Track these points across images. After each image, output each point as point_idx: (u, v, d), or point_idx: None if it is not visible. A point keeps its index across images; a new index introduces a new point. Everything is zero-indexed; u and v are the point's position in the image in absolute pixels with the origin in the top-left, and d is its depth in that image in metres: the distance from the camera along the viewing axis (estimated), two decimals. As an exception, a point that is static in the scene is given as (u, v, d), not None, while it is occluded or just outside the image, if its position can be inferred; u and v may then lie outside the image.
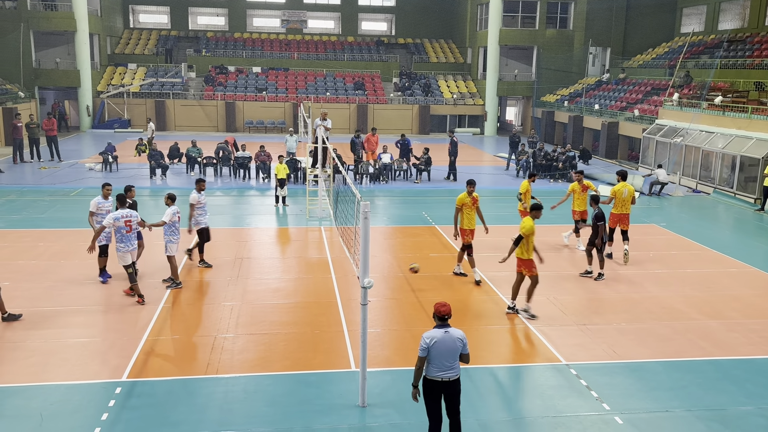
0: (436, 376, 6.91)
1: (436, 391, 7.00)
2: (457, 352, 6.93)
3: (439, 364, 6.86)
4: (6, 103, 33.08)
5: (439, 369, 6.87)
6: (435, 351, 6.82)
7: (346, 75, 45.43)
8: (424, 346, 6.84)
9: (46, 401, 8.32)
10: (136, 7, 50.13)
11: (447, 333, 6.88)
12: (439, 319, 6.95)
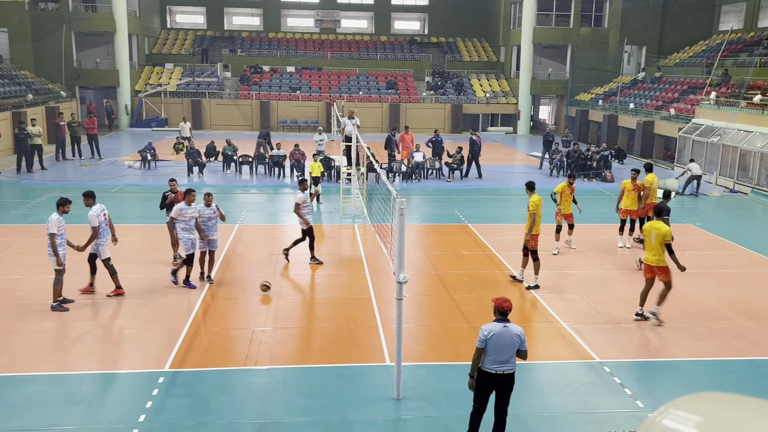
0: (490, 369, 7.06)
1: (489, 384, 7.15)
2: (515, 348, 7.07)
3: (496, 357, 7.01)
4: (49, 102, 34.02)
5: (494, 362, 7.02)
6: (492, 344, 6.98)
7: (378, 74, 45.65)
8: (482, 337, 7.00)
9: (93, 389, 8.66)
10: (173, 8, 51.03)
11: (506, 328, 7.04)
12: (499, 314, 7.11)
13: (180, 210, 12.34)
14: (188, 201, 12.48)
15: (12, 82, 34.13)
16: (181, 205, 12.42)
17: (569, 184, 15.25)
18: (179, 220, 12.35)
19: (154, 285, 12.70)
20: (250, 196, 21.98)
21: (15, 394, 8.46)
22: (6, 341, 9.96)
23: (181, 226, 12.38)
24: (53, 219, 11.02)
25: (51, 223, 10.99)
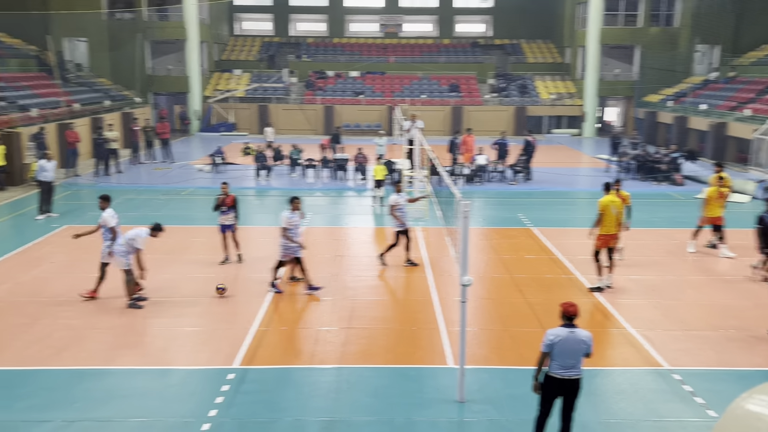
0: (557, 374, 7.02)
1: (555, 388, 7.10)
2: (581, 353, 7.01)
3: (562, 362, 6.96)
4: (124, 108, 35.46)
5: (561, 367, 6.98)
6: (558, 349, 6.94)
7: (441, 77, 45.60)
8: (547, 342, 6.97)
9: (167, 383, 9.02)
10: (241, 15, 52.37)
11: (572, 333, 6.98)
12: (566, 319, 7.05)
13: (288, 218, 12.38)
14: (294, 207, 12.52)
15: (90, 89, 35.75)
16: (287, 213, 12.43)
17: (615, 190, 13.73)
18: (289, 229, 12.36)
19: (224, 283, 13.07)
20: (314, 198, 22.34)
21: (93, 386, 8.89)
22: (85, 337, 10.47)
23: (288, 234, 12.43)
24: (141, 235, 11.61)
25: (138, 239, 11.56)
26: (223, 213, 14.15)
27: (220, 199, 14.14)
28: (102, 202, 12.25)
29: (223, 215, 14.16)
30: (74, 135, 25.10)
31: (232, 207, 14.21)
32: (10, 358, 9.68)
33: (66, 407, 8.30)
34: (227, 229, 14.25)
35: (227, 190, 14.24)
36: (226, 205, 14.13)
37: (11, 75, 30.54)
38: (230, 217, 14.19)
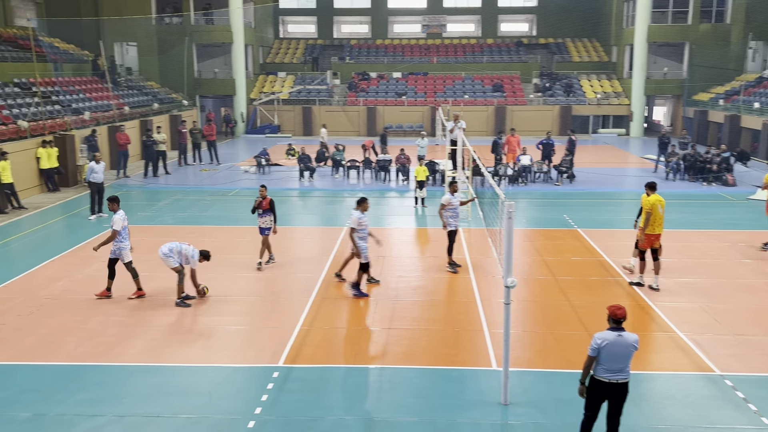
0: (603, 377, 6.92)
1: (601, 392, 7.00)
2: (629, 357, 6.89)
3: (609, 366, 6.86)
4: (172, 111, 36.24)
5: (607, 371, 6.88)
6: (605, 353, 6.83)
7: (484, 77, 45.32)
8: (594, 346, 6.87)
9: (214, 381, 9.18)
10: (285, 18, 53.00)
11: (620, 336, 6.87)
12: (613, 322, 6.94)
13: (358, 219, 12.34)
14: (363, 209, 12.51)
15: (140, 93, 36.65)
16: (357, 214, 12.36)
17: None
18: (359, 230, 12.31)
19: (267, 283, 13.26)
20: (356, 199, 22.42)
21: (142, 382, 9.11)
22: (134, 334, 10.74)
23: (358, 235, 12.34)
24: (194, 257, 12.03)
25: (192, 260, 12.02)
26: (260, 216, 14.15)
27: (257, 202, 14.18)
28: (111, 204, 12.49)
29: (261, 218, 14.14)
30: (125, 137, 25.76)
31: (269, 210, 14.19)
32: (65, 353, 10.00)
33: (116, 402, 8.53)
34: (263, 231, 14.24)
35: (265, 194, 14.22)
36: (263, 207, 14.11)
37: (66, 79, 31.53)
38: (267, 220, 14.15)
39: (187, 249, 11.97)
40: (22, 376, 9.26)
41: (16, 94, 26.81)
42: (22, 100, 26.42)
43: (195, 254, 12.00)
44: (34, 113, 25.45)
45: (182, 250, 11.95)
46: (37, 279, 13.47)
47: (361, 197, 12.82)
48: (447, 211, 13.95)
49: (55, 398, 8.62)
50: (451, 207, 13.95)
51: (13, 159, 20.30)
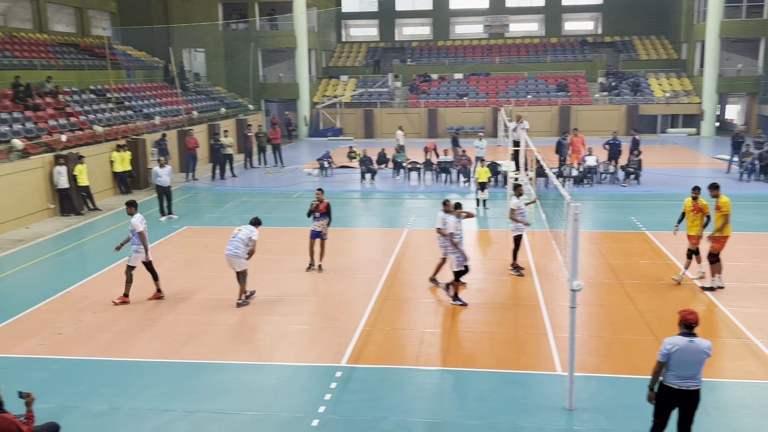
0: (673, 384, 6.73)
1: (671, 399, 6.82)
2: (701, 364, 6.68)
3: (679, 372, 6.67)
4: (238, 115, 37.14)
5: (678, 377, 6.70)
6: (675, 359, 6.65)
7: (548, 77, 44.62)
8: (664, 351, 6.70)
9: (278, 379, 9.36)
10: (348, 22, 53.55)
11: (692, 342, 6.66)
12: (685, 327, 6.74)
13: (443, 218, 12.24)
14: (458, 214, 12.26)
15: (208, 98, 37.70)
16: (442, 214, 12.18)
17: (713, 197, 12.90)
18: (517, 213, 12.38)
19: (329, 284, 13.42)
20: (417, 201, 22.48)
21: (210, 379, 9.37)
22: (202, 332, 11.05)
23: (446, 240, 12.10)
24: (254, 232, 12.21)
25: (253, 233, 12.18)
26: (316, 219, 14.09)
27: (313, 205, 14.13)
28: (129, 208, 12.65)
29: (316, 221, 14.09)
30: (193, 141, 26.56)
31: (325, 213, 14.10)
32: (137, 350, 10.39)
33: (185, 398, 8.81)
34: (317, 235, 14.15)
35: (321, 197, 14.18)
36: (320, 211, 14.04)
37: (137, 86, 32.75)
38: (322, 224, 14.08)
39: (246, 233, 12.14)
40: (98, 371, 9.67)
41: (92, 100, 28.01)
42: (97, 106, 27.58)
43: (253, 231, 12.17)
44: (109, 118, 26.52)
45: (246, 239, 12.07)
46: (111, 278, 14.03)
47: (445, 199, 12.74)
48: (517, 214, 13.68)
49: (128, 393, 8.97)
50: (519, 211, 13.74)
51: (88, 162, 21.22)
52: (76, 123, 24.37)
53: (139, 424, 8.17)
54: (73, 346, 10.57)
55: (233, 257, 12.11)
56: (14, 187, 18.59)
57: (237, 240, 12.08)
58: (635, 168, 24.05)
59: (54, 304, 12.49)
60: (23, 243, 17.12)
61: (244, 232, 12.15)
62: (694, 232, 12.91)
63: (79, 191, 20.65)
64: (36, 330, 11.20)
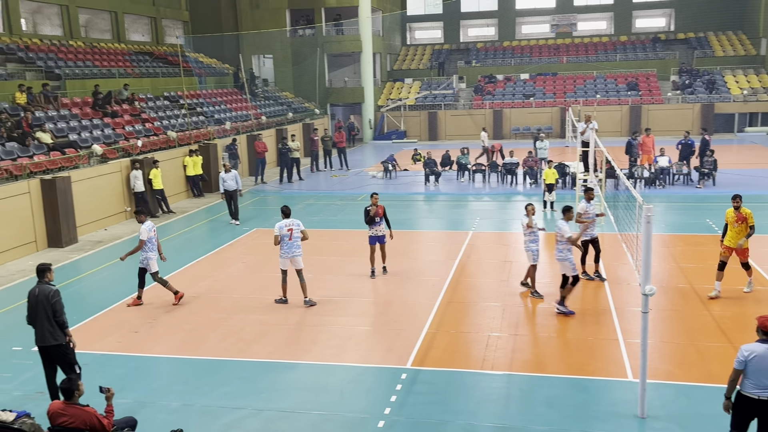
0: (751, 393, 6.47)
1: (748, 409, 6.55)
2: None
3: (758, 381, 6.42)
4: (305, 119, 37.76)
5: (756, 386, 6.44)
6: (753, 366, 6.40)
7: (617, 76, 43.48)
8: (740, 359, 6.46)
9: (344, 379, 9.48)
10: (413, 25, 53.65)
11: None
12: (763, 334, 6.49)
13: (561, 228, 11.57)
14: (567, 218, 11.70)
15: (275, 103, 38.49)
16: (561, 224, 11.55)
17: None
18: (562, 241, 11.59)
19: (394, 286, 13.48)
20: (482, 203, 22.31)
21: (278, 378, 9.57)
22: (270, 332, 11.29)
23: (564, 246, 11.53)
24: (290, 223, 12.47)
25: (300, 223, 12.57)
26: (375, 224, 13.82)
27: (373, 211, 13.72)
28: (138, 216, 12.84)
29: (376, 226, 13.83)
30: (262, 145, 27.16)
31: (383, 217, 13.92)
32: (209, 348, 10.71)
33: (255, 396, 9.02)
34: (378, 240, 13.95)
35: (377, 201, 13.94)
36: (379, 215, 13.83)
37: (209, 92, 33.75)
38: (382, 228, 13.93)
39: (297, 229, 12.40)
40: (173, 369, 10.02)
41: (165, 106, 29.03)
42: (171, 112, 28.57)
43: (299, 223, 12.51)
44: (181, 124, 27.43)
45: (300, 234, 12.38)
46: (184, 278, 14.51)
47: (566, 206, 11.94)
48: (584, 218, 13.07)
49: (200, 390, 9.25)
50: (587, 216, 13.15)
51: (162, 167, 21.99)
52: (151, 129, 25.32)
53: (211, 421, 8.42)
54: (148, 344, 10.98)
55: (299, 256, 12.36)
56: (94, 190, 19.46)
57: (296, 238, 12.33)
58: (710, 169, 23.16)
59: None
60: (102, 244, 17.91)
61: (296, 228, 12.38)
62: (735, 243, 12.02)
63: (154, 194, 21.43)
64: (114, 328, 11.69)
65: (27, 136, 19.05)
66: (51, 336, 8.45)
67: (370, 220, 13.81)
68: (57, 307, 8.40)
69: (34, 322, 8.53)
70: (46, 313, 8.39)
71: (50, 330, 8.43)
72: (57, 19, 31.15)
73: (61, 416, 6.86)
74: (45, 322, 8.41)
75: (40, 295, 8.44)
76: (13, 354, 10.62)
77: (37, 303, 8.44)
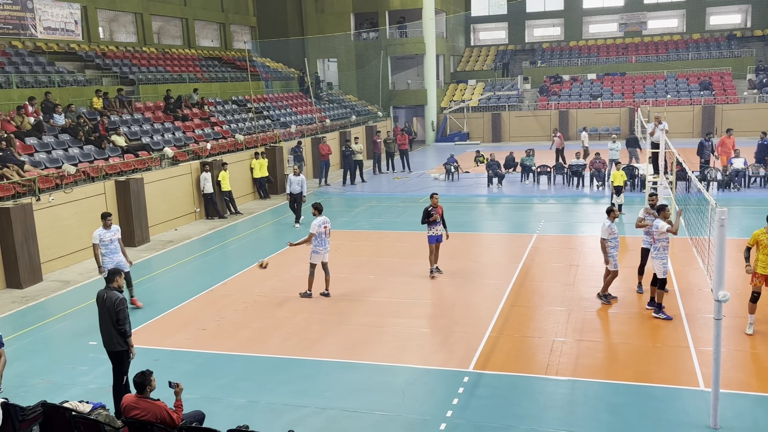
0: None
1: None
2: None
3: None
4: (368, 122, 38.04)
5: None
6: None
7: (689, 75, 42.02)
8: None
9: (406, 381, 9.50)
10: (477, 26, 53.30)
11: None
12: None
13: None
14: (663, 216, 11.34)
15: (339, 106, 38.92)
16: (657, 222, 11.30)
17: None
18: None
19: (456, 289, 13.42)
20: (547, 206, 21.94)
21: (340, 378, 9.67)
22: (333, 332, 11.42)
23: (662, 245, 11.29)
24: None
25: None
26: (435, 224, 13.96)
27: (435, 211, 13.90)
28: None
29: (435, 226, 13.97)
30: (326, 148, 27.52)
31: (442, 217, 14.07)
32: (274, 346, 10.92)
33: (318, 395, 9.14)
34: (437, 239, 14.06)
35: (437, 201, 14.08)
36: (439, 215, 13.96)
37: (275, 96, 34.43)
38: (440, 228, 14.03)
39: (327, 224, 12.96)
40: (239, 366, 10.26)
41: (233, 110, 29.77)
42: (238, 115, 29.28)
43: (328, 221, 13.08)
44: (249, 127, 28.07)
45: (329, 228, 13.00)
46: (250, 278, 14.85)
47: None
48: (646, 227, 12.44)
49: (265, 387, 9.44)
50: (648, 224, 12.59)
51: (230, 169, 22.56)
52: (220, 132, 26.01)
53: (275, 418, 8.58)
54: (215, 341, 11.28)
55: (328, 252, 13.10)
56: (165, 192, 20.13)
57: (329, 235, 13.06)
58: (791, 171, 22.12)
59: (199, 301, 13.40)
60: (172, 244, 18.50)
61: (329, 225, 13.13)
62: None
63: (222, 196, 22.01)
64: (183, 325, 12.07)
65: (103, 139, 19.89)
66: (113, 342, 8.55)
67: (427, 219, 13.93)
68: (120, 316, 8.42)
69: (101, 325, 8.66)
70: (111, 319, 8.49)
71: (113, 336, 8.53)
72: (132, 26, 32.41)
73: (134, 409, 7.13)
74: (110, 328, 8.52)
75: (107, 300, 8.52)
76: (90, 348, 11.10)
77: (103, 308, 8.55)
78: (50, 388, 9.66)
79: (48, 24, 23.08)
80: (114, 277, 8.66)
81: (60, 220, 16.24)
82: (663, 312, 11.34)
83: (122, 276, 8.79)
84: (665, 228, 11.11)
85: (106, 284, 8.75)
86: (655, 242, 11.38)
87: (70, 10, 24.06)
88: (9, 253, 14.67)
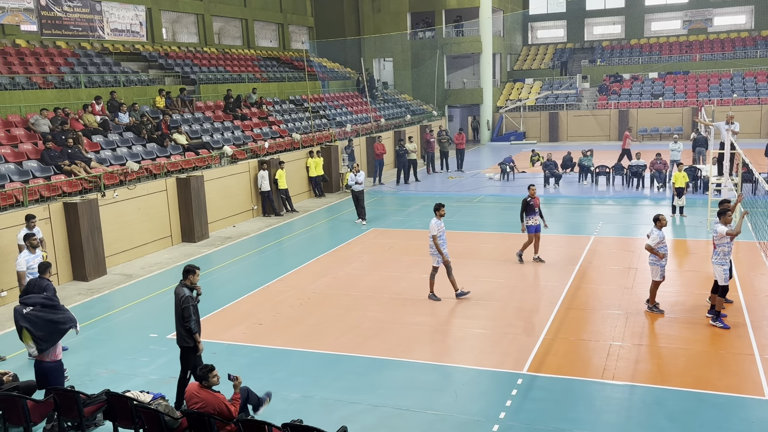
0: None
1: None
2: None
3: None
4: (422, 121, 38.00)
5: None
6: None
7: (758, 73, 40.45)
8: None
9: (459, 381, 9.47)
10: (534, 24, 52.59)
11: None
12: None
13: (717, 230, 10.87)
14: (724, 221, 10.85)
15: (394, 105, 39.00)
16: (717, 226, 10.87)
17: None
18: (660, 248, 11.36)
19: (510, 290, 13.30)
20: (606, 207, 21.49)
21: (393, 375, 9.71)
22: (386, 330, 11.47)
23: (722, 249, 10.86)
24: (432, 223, 12.58)
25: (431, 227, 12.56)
26: (533, 214, 14.81)
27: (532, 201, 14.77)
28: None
29: (534, 216, 14.80)
30: (381, 147, 27.63)
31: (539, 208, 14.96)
32: (327, 343, 11.05)
33: (371, 392, 9.21)
34: (536, 229, 14.87)
35: (534, 192, 14.88)
36: (536, 206, 14.84)
37: (331, 95, 34.76)
38: (537, 218, 14.85)
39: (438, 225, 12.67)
40: (294, 361, 10.43)
41: (291, 110, 30.20)
42: (295, 115, 29.68)
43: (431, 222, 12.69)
44: (305, 127, 28.42)
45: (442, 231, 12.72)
46: (305, 274, 15.05)
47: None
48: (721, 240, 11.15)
49: (319, 383, 9.57)
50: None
51: (287, 167, 22.89)
52: (277, 131, 26.42)
53: (329, 413, 8.68)
54: (271, 336, 11.49)
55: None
56: (224, 189, 20.58)
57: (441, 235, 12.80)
58: None
59: (255, 296, 13.67)
60: (231, 240, 18.91)
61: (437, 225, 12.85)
62: None
63: (279, 194, 22.36)
64: (240, 320, 12.33)
65: (165, 137, 20.47)
66: (181, 337, 8.73)
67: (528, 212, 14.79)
68: (185, 314, 8.54)
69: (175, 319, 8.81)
70: (177, 315, 8.69)
71: (180, 332, 8.71)
72: (193, 27, 33.24)
73: (194, 397, 7.35)
74: (177, 324, 8.71)
75: (176, 296, 8.70)
76: (150, 340, 11.46)
77: (175, 303, 8.72)
78: (113, 377, 10.01)
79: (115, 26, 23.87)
80: (187, 275, 8.73)
81: (123, 215, 16.80)
82: (720, 320, 10.97)
83: (196, 274, 8.76)
84: (724, 231, 10.72)
85: (181, 280, 8.78)
86: (716, 247, 10.99)
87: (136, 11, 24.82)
88: (76, 246, 15.26)
